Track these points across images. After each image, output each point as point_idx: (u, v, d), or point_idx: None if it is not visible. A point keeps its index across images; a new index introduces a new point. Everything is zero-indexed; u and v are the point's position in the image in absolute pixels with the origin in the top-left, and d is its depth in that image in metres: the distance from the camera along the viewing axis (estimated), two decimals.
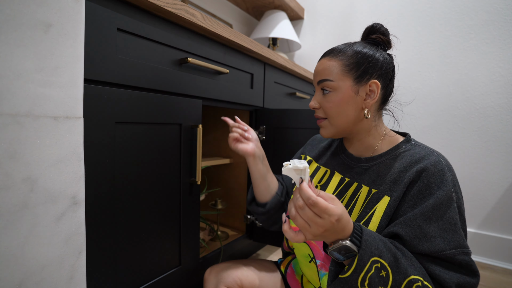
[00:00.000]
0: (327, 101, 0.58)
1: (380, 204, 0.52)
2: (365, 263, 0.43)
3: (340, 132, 0.60)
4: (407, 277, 0.43)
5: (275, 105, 1.22)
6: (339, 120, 0.58)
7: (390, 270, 0.43)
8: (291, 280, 0.70)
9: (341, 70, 0.56)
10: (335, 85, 0.57)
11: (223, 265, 0.73)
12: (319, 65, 0.60)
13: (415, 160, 0.53)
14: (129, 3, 0.63)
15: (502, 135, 1.32)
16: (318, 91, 0.61)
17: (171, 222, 0.76)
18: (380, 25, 0.60)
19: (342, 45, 0.59)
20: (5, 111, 0.40)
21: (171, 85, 0.73)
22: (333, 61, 0.57)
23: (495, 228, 1.35)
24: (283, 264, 0.74)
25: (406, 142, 0.58)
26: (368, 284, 0.43)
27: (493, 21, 1.32)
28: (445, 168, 0.50)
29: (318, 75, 0.59)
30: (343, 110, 0.57)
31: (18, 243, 0.42)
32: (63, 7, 0.45)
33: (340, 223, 0.42)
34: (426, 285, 0.43)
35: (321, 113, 0.60)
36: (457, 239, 0.46)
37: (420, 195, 0.49)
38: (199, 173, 0.80)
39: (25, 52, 0.41)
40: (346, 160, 0.64)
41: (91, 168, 0.55)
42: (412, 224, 0.47)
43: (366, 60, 0.56)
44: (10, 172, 0.40)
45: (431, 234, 0.46)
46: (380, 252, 0.44)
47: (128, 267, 0.66)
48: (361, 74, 0.56)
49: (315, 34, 1.84)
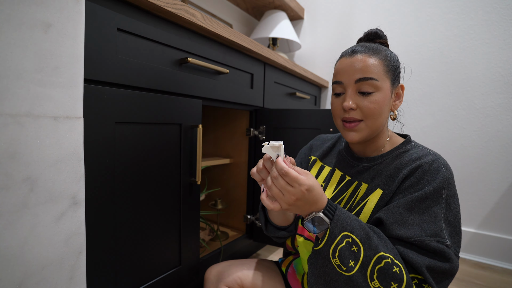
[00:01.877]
0: (370, 102, 0.54)
1: (372, 196, 0.54)
2: (336, 236, 0.46)
3: (372, 134, 0.57)
4: (377, 253, 0.45)
5: (275, 105, 1.22)
6: (378, 122, 0.56)
7: (362, 245, 0.45)
8: (292, 279, 0.70)
9: (383, 70, 0.55)
10: (380, 85, 0.54)
11: (224, 265, 0.73)
12: (358, 62, 0.54)
13: (413, 159, 0.54)
14: (129, 3, 0.63)
15: (502, 135, 1.32)
16: (353, 90, 0.55)
17: (171, 222, 0.76)
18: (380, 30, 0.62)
19: (369, 44, 0.57)
20: (5, 111, 0.40)
21: (171, 85, 0.73)
22: (373, 59, 0.54)
23: (495, 228, 1.35)
24: (284, 263, 0.74)
25: (406, 143, 0.59)
26: (339, 256, 0.46)
27: (493, 21, 1.32)
28: (441, 167, 0.51)
29: (358, 72, 0.54)
30: (384, 111, 0.56)
31: (18, 243, 0.42)
32: (63, 7, 0.45)
33: (311, 193, 0.45)
34: (396, 262, 0.44)
35: (357, 114, 0.55)
36: (434, 229, 0.47)
37: (410, 189, 0.51)
38: (199, 173, 0.80)
39: (25, 52, 0.41)
40: (347, 159, 0.64)
41: (91, 168, 0.55)
42: (394, 210, 0.49)
43: (397, 64, 0.58)
44: (10, 172, 0.40)
45: (410, 222, 0.48)
46: (352, 228, 0.46)
47: (128, 267, 0.66)
48: (395, 77, 0.57)
49: (315, 34, 1.84)
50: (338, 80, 0.57)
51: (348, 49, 0.58)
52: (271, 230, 0.68)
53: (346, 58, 0.56)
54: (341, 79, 0.56)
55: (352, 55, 0.56)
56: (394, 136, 0.62)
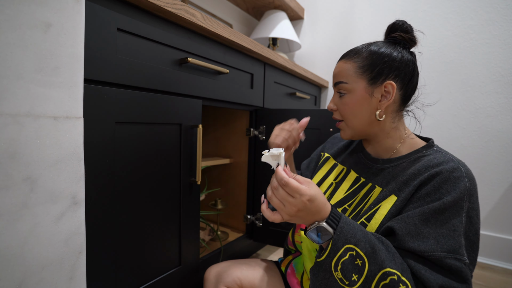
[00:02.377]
0: (342, 103, 0.59)
1: (385, 202, 0.51)
2: (339, 248, 0.44)
3: (358, 133, 0.60)
4: (382, 269, 0.42)
5: (275, 105, 1.22)
6: (354, 122, 0.58)
7: (367, 259, 0.43)
8: (291, 278, 0.70)
9: (355, 72, 0.56)
10: (349, 87, 0.57)
11: (223, 265, 0.73)
12: (336, 68, 0.60)
13: (432, 165, 0.50)
14: (129, 3, 0.63)
15: (502, 135, 1.32)
16: (335, 93, 0.61)
17: (171, 222, 0.76)
18: (403, 22, 0.58)
19: (360, 46, 0.59)
20: (5, 111, 0.40)
21: (171, 85, 0.73)
22: (348, 63, 0.58)
23: (495, 228, 1.35)
24: (283, 263, 0.74)
25: (428, 147, 0.56)
26: (341, 269, 0.44)
27: (493, 21, 1.32)
28: (463, 177, 0.47)
29: (335, 77, 0.60)
30: (358, 112, 0.57)
31: (18, 243, 0.42)
32: (63, 7, 0.45)
33: (313, 203, 0.44)
34: (403, 280, 0.42)
35: (337, 115, 0.61)
36: (452, 244, 0.43)
37: (427, 198, 0.47)
38: (199, 173, 0.80)
39: (25, 52, 0.41)
40: (363, 160, 0.63)
41: (91, 168, 0.55)
42: (408, 221, 0.46)
43: (382, 61, 0.55)
44: (10, 172, 0.40)
45: (424, 234, 0.45)
46: (357, 240, 0.44)
47: (128, 267, 0.66)
48: (376, 76, 0.55)
49: (315, 34, 1.84)
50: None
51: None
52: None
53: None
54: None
55: (338, 61, 0.61)
56: (413, 139, 0.59)
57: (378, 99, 0.55)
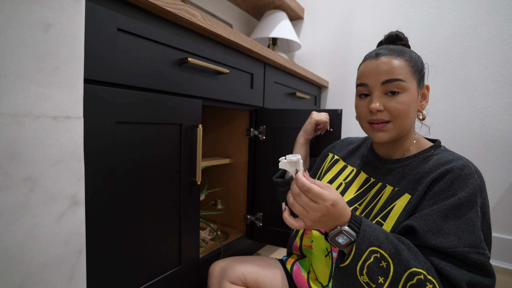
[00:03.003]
0: (398, 102, 0.54)
1: (399, 201, 0.52)
2: (363, 252, 0.43)
3: (400, 134, 0.57)
4: (408, 269, 0.42)
5: (275, 105, 1.22)
6: (405, 122, 0.55)
7: (391, 261, 0.43)
8: (297, 277, 0.70)
9: (409, 71, 0.55)
10: (407, 86, 0.54)
11: (228, 261, 0.74)
12: (383, 64, 0.54)
13: (442, 163, 0.51)
14: (129, 3, 0.63)
15: (502, 135, 1.32)
16: (380, 92, 0.55)
17: (171, 222, 0.76)
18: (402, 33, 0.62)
19: (392, 47, 0.57)
20: (5, 111, 0.40)
21: (171, 85, 0.73)
22: (399, 61, 0.54)
23: (495, 228, 1.35)
24: (288, 262, 0.75)
25: (435, 147, 0.58)
26: (367, 273, 0.43)
27: (493, 21, 1.32)
28: (473, 173, 0.48)
29: (384, 74, 0.54)
30: (411, 112, 0.55)
31: (18, 243, 0.42)
32: (63, 7, 0.45)
33: (336, 208, 0.44)
34: (429, 279, 0.42)
35: (385, 116, 0.55)
36: (473, 238, 0.44)
37: (441, 195, 0.48)
38: (199, 173, 0.80)
39: (25, 52, 0.41)
40: (373, 161, 0.63)
41: (91, 168, 0.55)
42: (428, 218, 0.46)
43: (422, 65, 0.58)
44: (10, 172, 0.40)
45: (445, 230, 0.45)
46: (380, 242, 0.44)
47: (128, 267, 0.66)
48: (421, 78, 0.58)
49: (315, 34, 1.84)
50: (363, 82, 0.57)
51: (372, 52, 0.58)
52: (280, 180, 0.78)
53: (371, 60, 0.56)
54: (366, 81, 0.56)
55: (377, 57, 0.56)
56: (421, 139, 0.60)
57: (420, 101, 0.59)
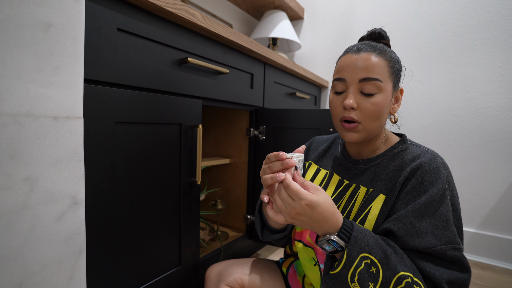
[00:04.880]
0: (371, 103, 0.52)
1: (375, 203, 0.53)
2: (354, 259, 0.44)
3: (371, 135, 0.56)
4: (396, 273, 0.43)
5: (275, 105, 1.22)
6: (375, 125, 0.54)
7: (380, 266, 0.43)
8: (292, 280, 0.69)
9: (387, 72, 0.53)
10: (383, 86, 0.52)
11: (225, 264, 0.73)
12: (363, 60, 0.52)
13: (410, 159, 0.53)
14: (129, 3, 0.63)
15: (502, 135, 1.32)
16: (356, 89, 0.53)
17: (171, 222, 0.76)
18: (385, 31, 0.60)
19: (375, 44, 0.55)
20: (5, 111, 0.40)
21: (171, 85, 0.73)
22: (379, 59, 0.52)
23: (495, 228, 1.35)
24: (284, 264, 0.74)
25: (402, 142, 0.58)
26: (358, 280, 0.43)
27: (493, 21, 1.32)
28: (440, 166, 0.50)
29: (363, 71, 0.52)
30: (383, 114, 0.54)
31: (18, 243, 0.42)
32: (63, 7, 0.45)
33: (314, 210, 0.43)
34: (416, 281, 0.43)
35: (357, 115, 0.53)
36: (448, 235, 0.46)
37: (413, 192, 0.49)
38: (199, 173, 0.80)
39: (25, 52, 0.41)
40: (344, 162, 0.63)
41: (91, 168, 0.55)
42: (404, 220, 0.47)
43: (400, 67, 0.57)
44: (10, 172, 0.40)
45: (422, 230, 0.46)
46: (370, 248, 0.44)
47: (128, 267, 0.66)
48: (397, 80, 0.56)
49: (315, 34, 1.84)
50: (340, 77, 0.54)
51: (353, 46, 0.56)
52: (266, 234, 0.66)
53: (352, 54, 0.54)
54: (344, 76, 0.54)
55: (358, 52, 0.53)
56: (390, 136, 0.61)
57: (393, 103, 0.58)
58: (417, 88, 1.51)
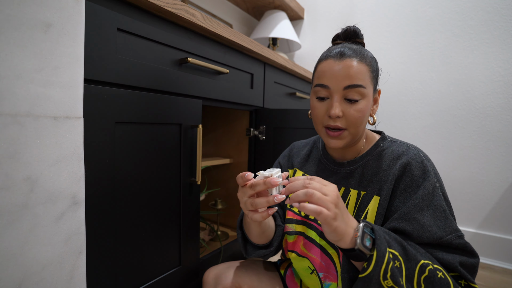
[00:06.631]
0: (356, 110, 0.52)
1: (371, 205, 0.53)
2: (384, 254, 0.41)
3: (354, 140, 0.56)
4: (418, 263, 0.43)
5: (275, 105, 1.22)
6: (360, 129, 0.54)
7: (402, 259, 0.43)
8: (290, 282, 0.69)
9: (369, 76, 0.53)
10: (366, 92, 0.52)
11: (222, 267, 0.73)
12: (348, 67, 0.51)
13: (396, 157, 0.54)
14: (129, 3, 0.63)
15: (502, 135, 1.32)
16: (340, 96, 0.52)
17: (171, 222, 0.76)
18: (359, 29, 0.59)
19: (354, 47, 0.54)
20: (5, 111, 0.40)
21: (171, 85, 0.73)
22: (362, 65, 0.52)
23: (495, 228, 1.35)
24: (282, 266, 0.74)
25: (382, 140, 0.59)
26: (391, 276, 0.41)
27: (493, 21, 1.32)
28: (424, 160, 0.52)
29: (348, 78, 0.51)
30: (365, 118, 0.54)
31: (18, 243, 0.42)
32: (63, 7, 0.45)
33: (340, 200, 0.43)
34: (436, 267, 0.43)
35: (342, 123, 0.53)
36: (450, 224, 0.47)
37: (408, 189, 0.50)
38: (199, 173, 0.80)
39: (25, 52, 0.41)
40: (329, 166, 0.62)
41: (91, 168, 0.55)
42: (408, 217, 0.48)
43: (378, 69, 0.57)
44: (10, 172, 0.40)
45: (426, 224, 0.47)
46: (388, 242, 0.43)
47: (128, 267, 0.65)
48: (377, 83, 0.57)
49: (315, 34, 1.84)
50: (324, 83, 0.53)
51: (334, 50, 0.54)
52: (250, 251, 0.65)
53: (334, 61, 0.52)
54: (328, 83, 0.53)
55: (341, 58, 0.52)
56: (369, 134, 0.61)
57: (372, 105, 0.58)
58: (417, 88, 1.51)
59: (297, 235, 0.62)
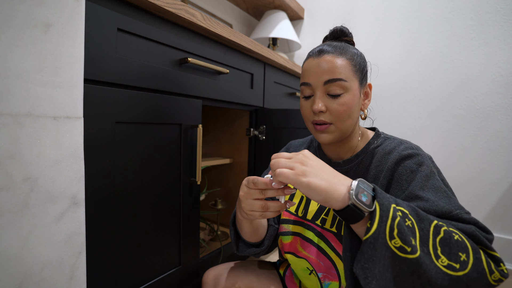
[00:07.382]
0: (340, 104, 0.52)
1: None
2: (388, 208, 0.37)
3: (344, 135, 0.56)
4: (431, 222, 0.39)
5: (275, 105, 1.22)
6: (347, 123, 0.54)
7: (413, 219, 0.38)
8: (289, 283, 0.69)
9: (351, 70, 0.53)
10: (348, 85, 0.53)
11: (221, 268, 0.73)
12: (325, 62, 0.52)
13: (388, 152, 0.54)
14: (129, 3, 0.63)
15: (502, 135, 1.32)
16: (322, 92, 0.54)
17: (171, 222, 0.76)
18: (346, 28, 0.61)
19: (336, 43, 0.56)
20: (5, 111, 0.40)
21: (171, 85, 0.73)
22: (341, 59, 0.53)
23: (495, 228, 1.35)
24: (282, 266, 0.74)
25: (376, 137, 0.59)
26: (398, 233, 0.36)
27: (493, 21, 1.32)
28: (417, 150, 0.52)
29: (326, 73, 0.52)
30: (353, 112, 0.54)
31: (18, 243, 0.42)
32: (63, 7, 0.45)
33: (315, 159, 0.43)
34: (452, 230, 0.39)
35: (327, 117, 0.54)
36: (455, 201, 0.46)
37: (403, 176, 0.50)
38: (199, 173, 0.80)
39: (25, 52, 0.41)
40: None
41: (91, 168, 0.55)
42: (411, 196, 0.47)
43: (364, 63, 0.58)
44: (10, 172, 0.40)
45: (431, 199, 0.45)
46: (395, 200, 0.40)
47: (128, 267, 0.66)
48: (363, 76, 0.57)
49: (315, 34, 1.84)
50: (306, 81, 0.55)
51: (315, 49, 0.56)
52: (242, 248, 0.64)
53: (314, 58, 0.54)
54: (309, 80, 0.55)
55: (319, 55, 0.54)
56: (365, 132, 0.61)
57: (363, 99, 0.58)
58: (417, 88, 1.51)
59: (293, 235, 0.62)
